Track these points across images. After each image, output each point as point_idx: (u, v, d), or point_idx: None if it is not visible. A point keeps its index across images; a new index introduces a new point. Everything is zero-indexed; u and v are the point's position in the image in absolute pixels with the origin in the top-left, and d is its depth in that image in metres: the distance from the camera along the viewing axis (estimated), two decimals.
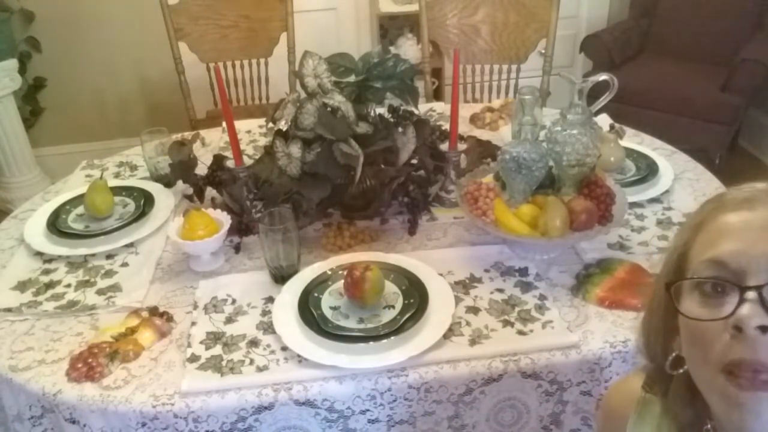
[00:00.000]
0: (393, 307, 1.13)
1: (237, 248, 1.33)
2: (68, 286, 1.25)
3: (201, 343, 1.08)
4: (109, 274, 1.28)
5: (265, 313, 1.15)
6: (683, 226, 0.66)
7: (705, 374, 0.58)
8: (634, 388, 0.74)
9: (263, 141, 1.78)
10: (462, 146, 1.55)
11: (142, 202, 1.47)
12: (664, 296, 0.64)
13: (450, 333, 1.08)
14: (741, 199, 0.60)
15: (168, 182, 1.53)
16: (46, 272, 1.29)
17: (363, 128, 1.30)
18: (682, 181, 1.50)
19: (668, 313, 0.64)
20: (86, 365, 1.02)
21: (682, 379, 0.64)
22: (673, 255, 0.65)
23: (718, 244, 0.58)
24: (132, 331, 1.10)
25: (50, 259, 1.33)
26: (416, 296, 1.13)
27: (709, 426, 0.64)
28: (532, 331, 1.08)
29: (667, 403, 0.68)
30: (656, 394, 0.70)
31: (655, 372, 0.70)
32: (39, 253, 1.34)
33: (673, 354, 0.64)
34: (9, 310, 1.19)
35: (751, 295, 0.54)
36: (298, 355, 1.04)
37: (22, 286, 1.25)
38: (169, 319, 1.13)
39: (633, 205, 1.39)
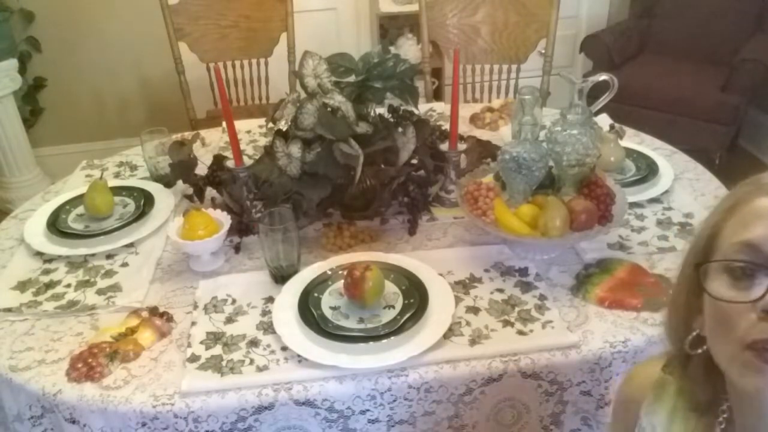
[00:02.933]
0: (393, 307, 1.13)
1: (237, 248, 1.33)
2: (68, 286, 1.25)
3: (201, 343, 1.08)
4: (109, 274, 1.28)
5: (265, 313, 1.15)
6: (715, 207, 0.65)
7: (727, 351, 0.58)
8: (651, 373, 0.75)
9: (263, 141, 1.78)
10: (462, 146, 1.55)
11: (142, 202, 1.47)
12: (690, 276, 0.64)
13: (450, 333, 1.08)
14: None
15: (168, 182, 1.53)
16: (46, 272, 1.29)
17: (363, 128, 1.30)
18: (682, 181, 1.50)
19: (693, 292, 0.64)
20: (86, 365, 1.02)
21: (700, 360, 0.65)
22: (702, 236, 0.64)
23: (752, 227, 0.58)
24: (132, 331, 1.10)
25: (50, 259, 1.33)
26: (416, 296, 1.13)
27: (725, 406, 0.65)
28: (532, 331, 1.08)
29: (683, 383, 0.69)
30: (674, 375, 0.71)
31: (674, 352, 0.70)
32: (39, 253, 1.34)
33: (694, 333, 0.65)
34: (9, 310, 1.19)
35: None
36: (298, 355, 1.04)
37: (22, 286, 1.25)
38: (169, 319, 1.13)
39: (633, 205, 1.39)
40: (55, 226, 1.40)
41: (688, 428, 0.69)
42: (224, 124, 1.71)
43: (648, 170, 1.49)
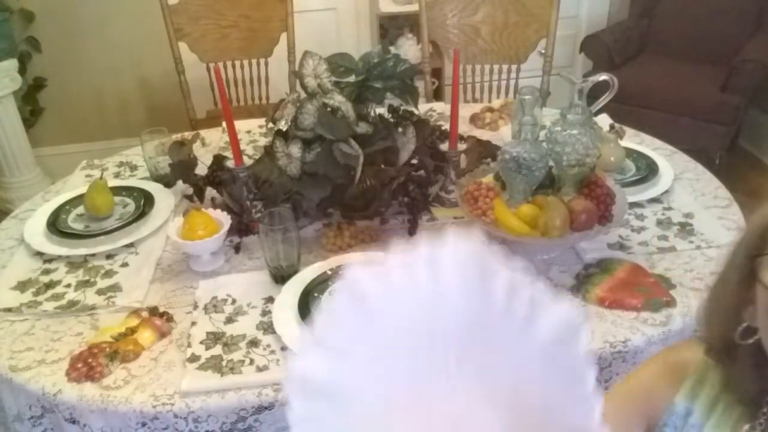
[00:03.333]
0: None
1: (237, 248, 1.33)
2: (68, 286, 1.25)
3: (201, 343, 1.08)
4: (109, 274, 1.28)
5: (265, 313, 1.15)
6: None
7: None
8: (686, 359, 0.75)
9: (263, 141, 1.77)
10: (462, 146, 1.55)
11: (142, 202, 1.47)
12: (743, 267, 0.64)
13: None
14: None
15: (168, 182, 1.53)
16: (46, 272, 1.29)
17: (363, 128, 1.30)
18: (682, 181, 1.50)
19: (744, 283, 0.64)
20: (86, 365, 1.02)
21: (747, 350, 0.65)
22: (756, 227, 0.64)
23: None
24: (132, 331, 1.10)
25: (50, 259, 1.33)
26: None
27: None
28: None
29: (730, 374, 0.70)
30: (717, 362, 0.71)
31: (719, 343, 0.70)
32: (39, 253, 1.34)
33: (744, 324, 0.65)
34: (9, 310, 1.19)
35: None
36: None
37: (22, 286, 1.25)
38: (169, 319, 1.13)
39: (633, 205, 1.38)
40: (55, 226, 1.40)
41: (731, 418, 0.70)
42: (224, 124, 1.71)
43: (648, 170, 1.49)
